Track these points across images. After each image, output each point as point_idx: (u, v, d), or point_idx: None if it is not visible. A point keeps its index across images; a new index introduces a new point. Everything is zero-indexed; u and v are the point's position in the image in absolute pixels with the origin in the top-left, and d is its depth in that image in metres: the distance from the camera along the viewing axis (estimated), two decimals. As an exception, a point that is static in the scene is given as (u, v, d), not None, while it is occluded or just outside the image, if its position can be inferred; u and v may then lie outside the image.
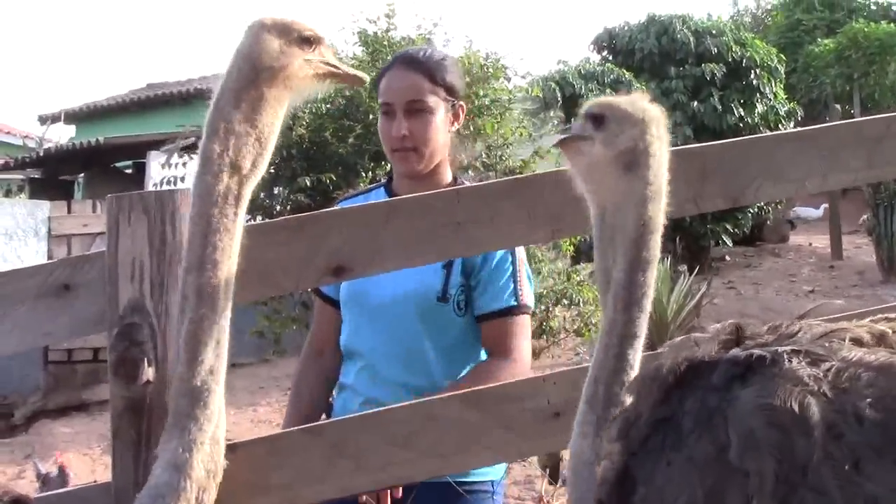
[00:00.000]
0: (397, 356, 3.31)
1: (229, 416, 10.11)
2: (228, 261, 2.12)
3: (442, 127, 3.30)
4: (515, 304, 3.29)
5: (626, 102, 2.19)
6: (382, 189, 3.57)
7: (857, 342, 1.67)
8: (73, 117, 27.35)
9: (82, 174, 21.75)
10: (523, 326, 3.34)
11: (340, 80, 2.39)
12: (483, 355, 3.38)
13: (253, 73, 2.14)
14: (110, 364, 2.35)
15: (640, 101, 2.19)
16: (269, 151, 2.24)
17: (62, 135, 27.80)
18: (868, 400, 1.47)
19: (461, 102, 3.44)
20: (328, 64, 2.27)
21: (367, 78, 2.35)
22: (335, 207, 3.52)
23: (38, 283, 2.51)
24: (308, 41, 2.23)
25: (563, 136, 2.33)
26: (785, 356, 1.59)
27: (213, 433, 2.09)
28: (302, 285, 4.09)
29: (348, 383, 3.43)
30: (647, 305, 2.07)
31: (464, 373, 3.30)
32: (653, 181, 2.08)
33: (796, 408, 1.47)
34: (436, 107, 3.29)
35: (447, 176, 3.48)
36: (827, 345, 1.63)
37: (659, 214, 2.11)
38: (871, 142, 2.99)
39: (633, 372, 1.98)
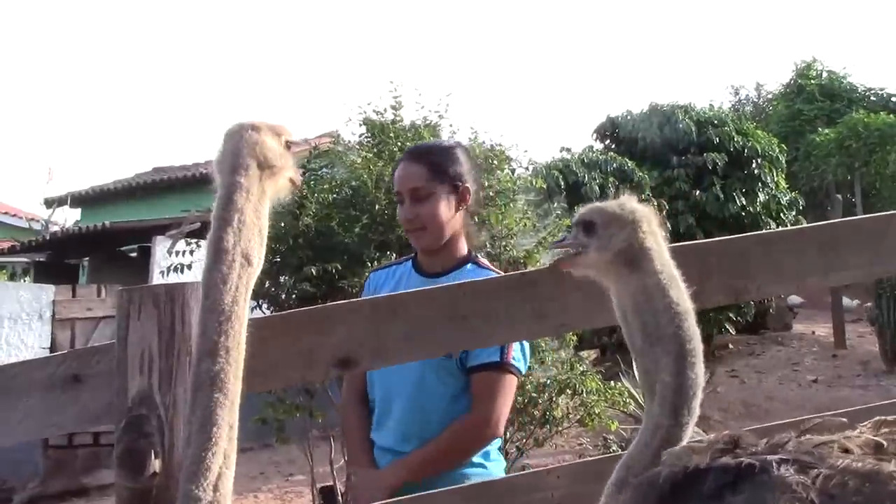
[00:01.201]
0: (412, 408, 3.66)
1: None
2: (239, 348, 2.14)
3: (445, 208, 3.67)
4: (499, 360, 3.54)
5: (614, 205, 2.25)
6: (410, 261, 3.96)
7: (848, 451, 1.69)
8: (79, 200, 27.45)
9: (87, 258, 21.79)
10: (503, 385, 3.59)
11: (295, 186, 2.51)
12: None
13: (258, 171, 2.24)
14: (117, 455, 2.33)
15: (628, 203, 2.24)
16: (265, 242, 2.27)
17: (68, 218, 27.95)
18: None
19: (466, 184, 3.75)
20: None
21: (299, 181, 2.49)
22: (367, 275, 3.64)
23: (49, 375, 2.53)
24: (289, 147, 2.37)
25: (557, 255, 2.39)
26: (774, 464, 1.61)
27: None
28: (309, 377, 4.11)
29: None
30: (696, 408, 2.03)
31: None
32: (661, 270, 2.11)
33: None
34: (438, 191, 3.66)
35: (462, 250, 3.86)
36: (816, 453, 1.65)
37: (683, 299, 2.10)
38: (872, 240, 3.03)
39: None
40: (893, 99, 34.47)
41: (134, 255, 21.39)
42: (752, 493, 1.59)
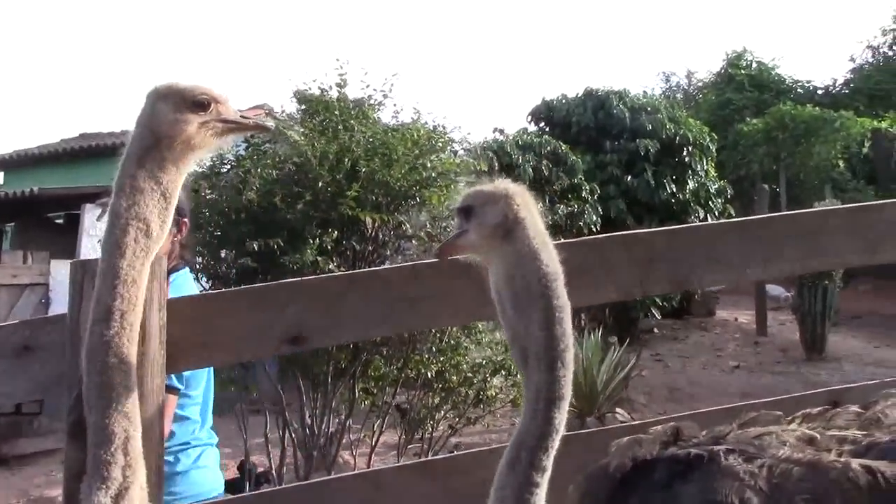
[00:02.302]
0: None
1: (163, 474, 9.90)
2: (135, 311, 2.16)
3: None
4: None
5: (487, 186, 2.31)
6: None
7: (785, 443, 1.77)
8: (2, 164, 26.82)
9: (12, 223, 21.36)
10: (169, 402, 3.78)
11: (243, 132, 2.48)
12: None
13: (152, 139, 2.24)
14: (68, 426, 2.33)
15: (501, 182, 2.29)
16: (173, 205, 2.27)
17: (-9, 182, 27.23)
18: (802, 494, 1.56)
19: (184, 219, 4.21)
20: (226, 121, 2.35)
21: (271, 125, 2.40)
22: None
23: (-2, 344, 2.53)
24: (202, 104, 2.31)
25: (439, 247, 2.47)
26: (721, 454, 1.69)
27: (140, 480, 2.11)
28: (260, 354, 4.15)
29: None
30: (570, 361, 2.04)
31: None
32: (535, 236, 2.16)
33: (737, 502, 1.57)
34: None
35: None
36: (757, 444, 1.73)
37: (554, 262, 2.16)
38: (808, 234, 3.14)
39: (559, 435, 1.96)
40: (819, 92, 35.03)
41: (60, 221, 21.00)
42: (702, 482, 1.67)
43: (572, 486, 1.92)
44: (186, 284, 4.29)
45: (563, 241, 3.31)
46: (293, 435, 8.52)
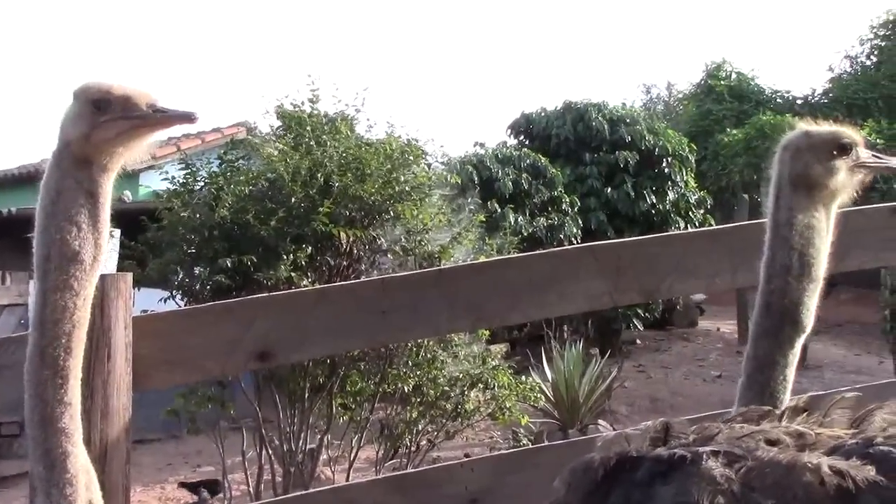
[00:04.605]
0: None
1: (135, 493, 9.88)
2: (70, 320, 2.09)
3: None
4: None
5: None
6: None
7: (774, 442, 1.77)
8: (-21, 184, 26.64)
9: (-10, 244, 21.24)
10: None
11: (164, 125, 2.28)
12: None
13: (63, 141, 2.18)
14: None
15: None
16: (105, 209, 2.18)
17: (-34, 202, 27.09)
18: (771, 499, 1.57)
19: None
20: (128, 118, 2.20)
21: (196, 114, 2.22)
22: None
23: (-37, 364, 2.49)
24: (103, 103, 2.19)
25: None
26: (704, 456, 1.69)
27: (86, 497, 2.07)
28: (228, 370, 4.12)
29: None
30: None
31: None
32: None
33: None
34: None
35: None
36: (745, 445, 1.73)
37: None
38: (778, 241, 3.14)
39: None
40: (799, 101, 35.16)
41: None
42: (680, 484, 1.66)
43: (558, 478, 1.92)
44: None
45: (533, 252, 3.31)
46: (270, 452, 8.48)
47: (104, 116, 2.16)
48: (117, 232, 10.17)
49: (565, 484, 1.89)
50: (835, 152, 2.43)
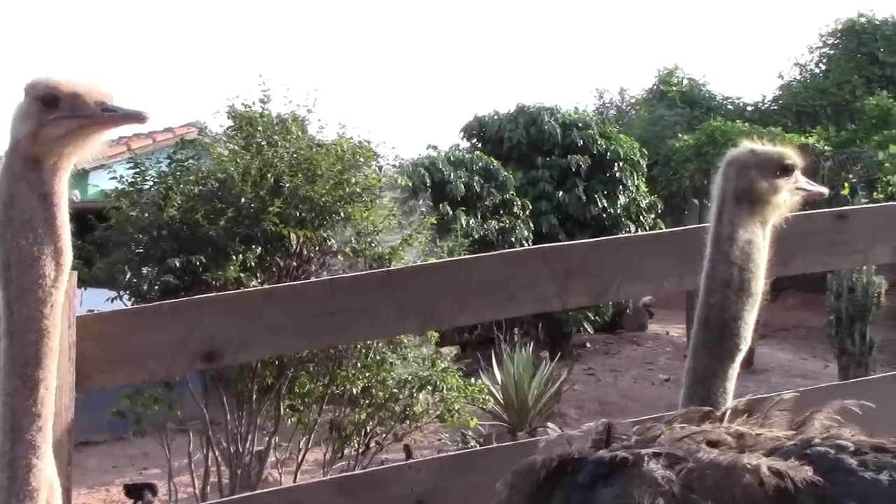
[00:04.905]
0: None
1: (79, 496, 9.73)
2: (38, 329, 2.03)
3: None
4: None
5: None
6: None
7: (715, 443, 1.79)
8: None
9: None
10: None
11: (114, 124, 2.19)
12: None
13: (13, 140, 2.10)
14: None
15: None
16: (62, 210, 2.11)
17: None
18: (710, 500, 1.59)
19: None
20: (75, 116, 2.11)
21: (146, 113, 2.14)
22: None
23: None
24: (50, 101, 2.10)
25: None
26: (646, 458, 1.70)
27: None
28: (173, 371, 4.09)
29: None
30: None
31: None
32: None
33: None
34: None
35: None
36: (686, 447, 1.75)
37: None
38: (723, 245, 3.17)
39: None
40: (749, 108, 35.53)
41: None
42: (622, 486, 1.68)
43: (500, 480, 1.92)
44: None
45: (482, 254, 3.32)
46: (217, 454, 8.42)
47: (52, 114, 2.08)
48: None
49: (508, 486, 1.90)
50: (778, 172, 2.47)
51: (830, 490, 1.59)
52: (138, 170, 8.56)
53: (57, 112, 2.08)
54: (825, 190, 2.67)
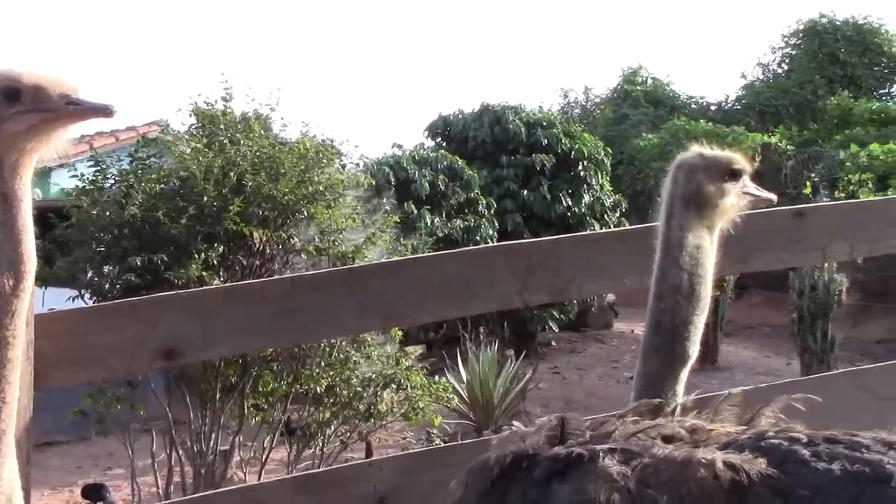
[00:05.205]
0: None
1: (42, 497, 9.65)
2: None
3: None
4: None
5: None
6: None
7: (669, 438, 1.81)
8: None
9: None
10: None
11: (79, 118, 2.12)
12: None
13: None
14: None
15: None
16: (24, 212, 2.01)
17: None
18: (666, 495, 1.60)
19: None
20: (45, 110, 2.05)
21: (113, 107, 2.06)
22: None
23: None
24: (12, 94, 2.03)
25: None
26: (601, 454, 1.72)
27: None
28: (133, 369, 4.06)
29: None
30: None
31: None
32: None
33: (603, 502, 1.59)
34: None
35: None
36: (640, 442, 1.76)
37: None
38: (684, 244, 3.19)
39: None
40: (713, 108, 35.81)
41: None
42: (578, 482, 1.69)
43: (455, 479, 1.93)
44: None
45: (443, 251, 3.33)
46: (181, 453, 8.38)
47: (14, 108, 2.00)
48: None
49: (462, 484, 1.90)
50: (726, 176, 2.50)
51: (784, 481, 1.61)
52: (99, 168, 8.50)
53: (19, 106, 2.00)
54: (773, 196, 2.69)
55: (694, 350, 2.45)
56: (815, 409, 1.96)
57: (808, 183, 19.00)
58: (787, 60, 36.08)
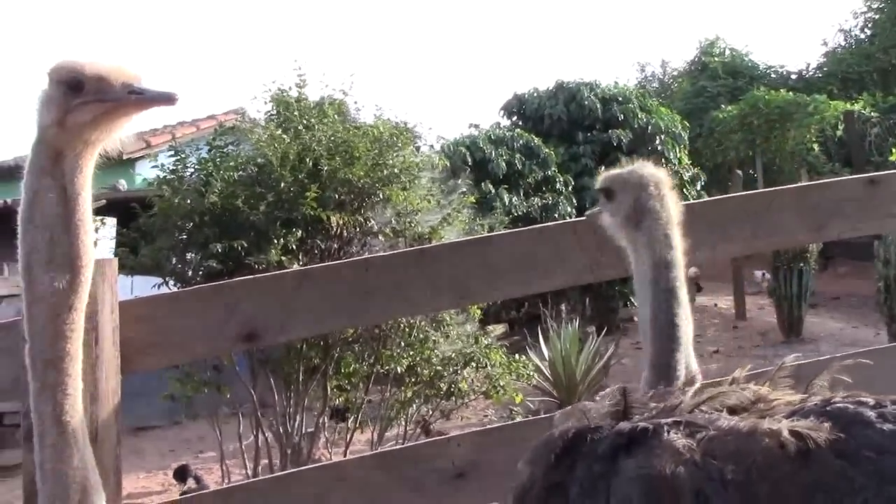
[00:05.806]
0: None
1: (138, 479, 9.87)
2: (56, 333, 2.02)
3: None
4: None
5: (625, 171, 2.68)
6: None
7: (733, 408, 1.82)
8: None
9: (-13, 236, 21.25)
10: None
11: (142, 107, 2.09)
12: None
13: (38, 130, 2.05)
14: (24, 430, 2.29)
15: (638, 168, 2.48)
16: (85, 208, 2.05)
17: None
18: (732, 465, 1.61)
19: None
20: (102, 101, 2.02)
21: (176, 94, 2.04)
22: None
23: (-46, 350, 2.50)
24: (75, 85, 2.01)
25: (586, 214, 2.90)
26: (665, 428, 1.73)
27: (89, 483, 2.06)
28: (215, 352, 4.16)
29: None
30: (678, 335, 2.48)
31: None
32: (661, 226, 2.50)
33: (669, 476, 1.61)
34: None
35: None
36: (705, 415, 1.78)
37: (671, 251, 2.49)
38: (754, 215, 3.19)
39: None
40: (793, 76, 35.13)
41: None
42: (643, 457, 1.70)
43: (522, 459, 1.96)
44: None
45: (512, 230, 3.36)
46: (267, 436, 8.52)
47: (77, 99, 2.00)
48: (112, 220, 10.20)
49: (528, 464, 1.92)
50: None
51: (848, 442, 1.61)
52: (179, 157, 8.65)
53: (82, 96, 2.00)
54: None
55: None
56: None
57: (892, 150, 18.54)
58: (869, 25, 35.20)
